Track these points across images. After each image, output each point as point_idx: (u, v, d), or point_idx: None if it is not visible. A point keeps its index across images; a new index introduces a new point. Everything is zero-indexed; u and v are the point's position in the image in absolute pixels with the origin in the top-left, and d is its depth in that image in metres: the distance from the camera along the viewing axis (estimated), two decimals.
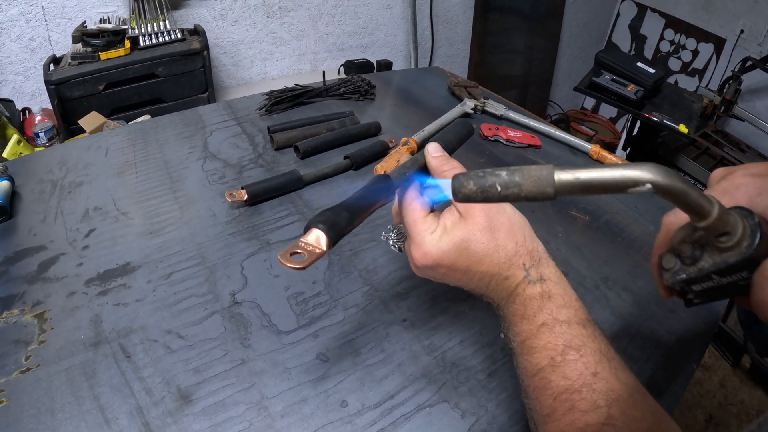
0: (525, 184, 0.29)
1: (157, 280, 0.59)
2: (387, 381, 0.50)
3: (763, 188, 0.34)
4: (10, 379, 0.47)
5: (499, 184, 0.30)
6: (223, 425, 0.45)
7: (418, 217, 0.42)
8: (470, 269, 0.41)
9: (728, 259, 0.32)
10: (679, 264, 0.36)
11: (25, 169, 0.77)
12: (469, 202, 0.37)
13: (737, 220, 0.31)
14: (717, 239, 0.32)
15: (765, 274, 0.30)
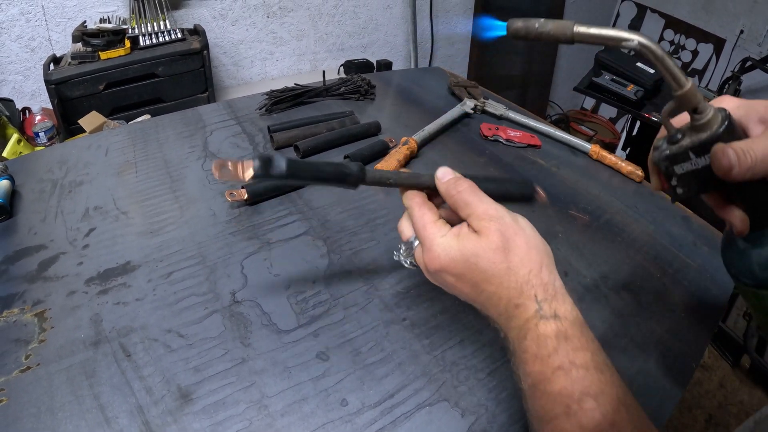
0: (554, 28, 0.38)
1: (157, 280, 0.59)
2: (387, 380, 0.51)
3: (741, 104, 0.41)
4: (10, 378, 0.47)
5: (538, 24, 0.38)
6: (223, 424, 0.45)
7: (428, 221, 0.41)
8: (478, 286, 0.39)
9: (702, 137, 0.38)
10: (665, 144, 0.42)
11: (25, 169, 0.77)
12: (516, 36, 0.40)
13: (710, 107, 0.38)
14: (694, 118, 0.38)
15: (726, 144, 0.37)
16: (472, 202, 0.40)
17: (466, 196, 0.41)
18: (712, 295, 0.67)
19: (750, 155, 0.36)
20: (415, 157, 0.87)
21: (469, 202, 0.41)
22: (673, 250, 0.74)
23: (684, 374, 0.56)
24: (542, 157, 0.93)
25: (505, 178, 0.44)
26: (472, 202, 0.40)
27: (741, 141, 0.37)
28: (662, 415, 0.51)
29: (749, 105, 0.40)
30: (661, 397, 0.52)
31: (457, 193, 0.41)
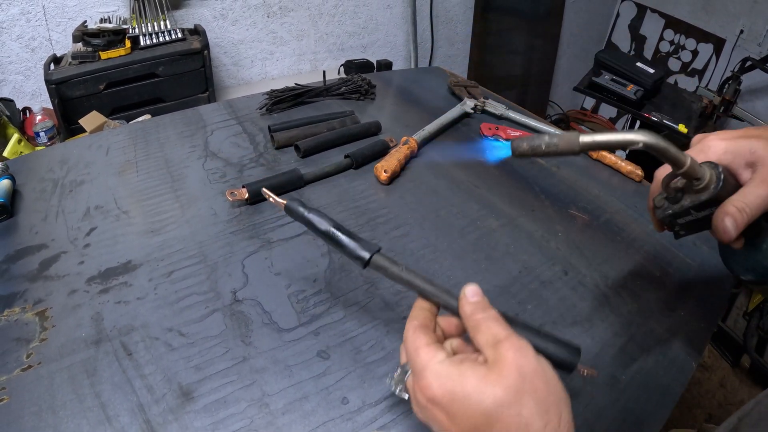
0: (560, 144, 0.38)
1: (159, 278, 0.59)
2: (388, 378, 0.51)
3: (727, 148, 0.44)
4: (11, 376, 0.48)
5: (544, 144, 0.38)
6: (224, 422, 0.45)
7: (421, 344, 0.35)
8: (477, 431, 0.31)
9: (701, 197, 0.43)
10: (667, 203, 0.47)
11: (25, 168, 0.77)
12: (522, 157, 0.40)
13: (706, 170, 0.42)
14: (692, 183, 0.43)
15: (722, 208, 0.42)
16: (495, 328, 0.34)
17: (491, 322, 0.35)
18: (712, 295, 0.67)
19: (746, 213, 0.41)
20: (415, 157, 0.87)
21: (491, 328, 0.34)
22: (673, 250, 0.74)
23: (684, 372, 0.56)
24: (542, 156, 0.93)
25: (548, 333, 0.38)
26: (495, 328, 0.34)
27: (735, 200, 0.42)
28: (662, 414, 0.51)
29: (735, 150, 0.44)
30: (661, 395, 0.52)
31: (482, 317, 0.35)
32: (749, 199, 0.41)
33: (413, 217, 0.73)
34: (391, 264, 0.39)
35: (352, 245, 0.39)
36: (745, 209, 0.41)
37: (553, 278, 0.65)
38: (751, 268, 0.46)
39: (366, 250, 0.39)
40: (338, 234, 0.40)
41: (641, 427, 0.49)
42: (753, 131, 0.46)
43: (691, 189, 0.44)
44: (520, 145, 0.39)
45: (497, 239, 0.71)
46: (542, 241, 0.71)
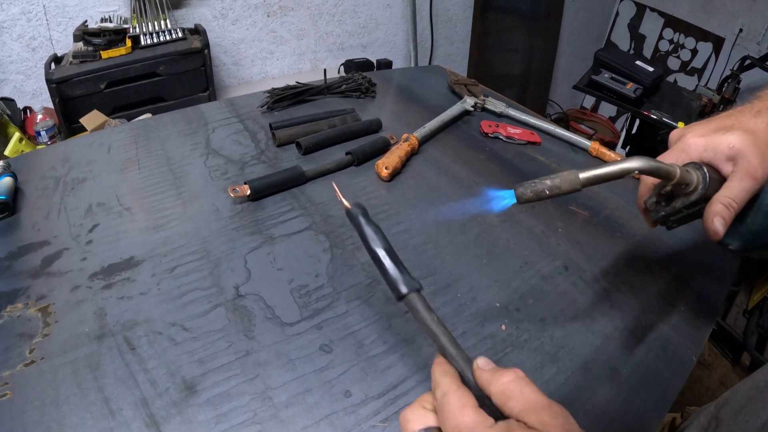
0: (563, 185, 0.40)
1: (162, 274, 0.60)
2: (390, 371, 0.51)
3: (707, 145, 0.48)
4: (14, 372, 0.48)
5: (547, 189, 0.40)
6: (227, 415, 0.46)
7: (470, 404, 0.31)
8: None
9: (691, 198, 0.47)
10: (659, 206, 0.52)
11: (27, 166, 0.78)
12: (527, 203, 0.41)
13: (692, 173, 0.47)
14: (683, 188, 0.48)
15: (710, 208, 0.46)
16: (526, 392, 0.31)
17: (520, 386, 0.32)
18: (712, 289, 0.67)
19: (733, 207, 0.45)
20: (416, 154, 0.87)
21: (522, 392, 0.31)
22: (672, 245, 0.74)
23: (684, 366, 0.56)
24: (542, 154, 0.94)
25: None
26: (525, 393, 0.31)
27: (721, 197, 0.46)
28: (663, 406, 0.51)
29: (714, 146, 0.47)
30: (662, 389, 0.53)
31: (506, 382, 0.32)
32: (734, 193, 0.45)
33: (414, 214, 0.73)
34: (425, 309, 0.36)
35: (395, 276, 0.37)
36: (732, 204, 0.45)
37: (554, 273, 0.66)
38: (737, 238, 0.50)
39: (406, 285, 0.36)
40: (386, 258, 0.38)
41: (642, 419, 0.50)
42: (726, 121, 0.49)
43: (681, 192, 0.48)
44: (525, 193, 0.40)
45: (498, 235, 0.71)
46: (543, 237, 0.72)
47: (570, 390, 0.51)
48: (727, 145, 0.46)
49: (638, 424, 0.49)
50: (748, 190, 0.45)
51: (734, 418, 0.46)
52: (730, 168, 0.47)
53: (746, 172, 0.45)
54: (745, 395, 0.47)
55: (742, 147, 0.46)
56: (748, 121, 0.49)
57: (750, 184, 0.45)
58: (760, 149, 0.46)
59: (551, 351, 0.55)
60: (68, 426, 0.44)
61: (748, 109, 0.51)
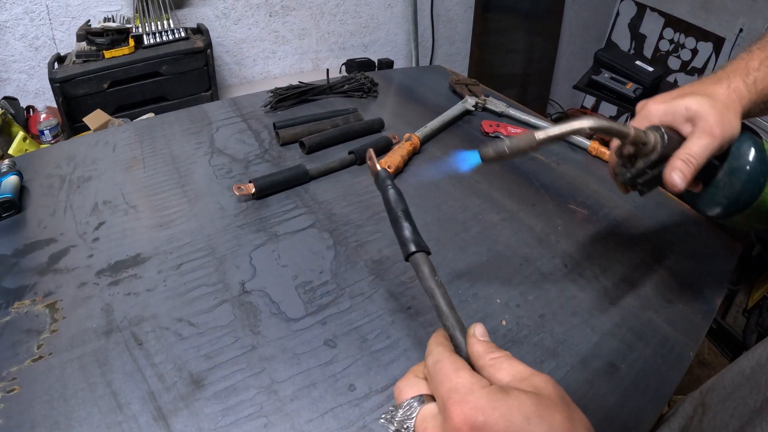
0: (520, 143, 0.41)
1: (168, 271, 0.60)
2: (393, 366, 0.52)
3: (666, 110, 0.50)
4: (22, 367, 0.48)
5: (507, 148, 0.41)
6: (234, 409, 0.47)
7: (463, 366, 0.32)
8: None
9: (652, 157, 0.49)
10: (624, 169, 0.54)
11: (33, 165, 0.79)
12: (489, 163, 0.42)
13: (650, 134, 0.49)
14: (641, 148, 0.50)
15: (670, 163, 0.48)
16: (518, 365, 0.32)
17: (512, 361, 0.32)
18: (710, 287, 0.68)
19: (692, 163, 0.47)
20: (417, 153, 0.88)
21: (513, 366, 0.32)
22: (671, 243, 0.75)
23: (681, 362, 0.57)
24: (542, 153, 0.94)
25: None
26: (518, 366, 0.32)
27: (680, 153, 0.48)
28: (660, 401, 0.52)
29: (673, 110, 0.50)
30: (659, 384, 0.54)
31: (501, 356, 0.32)
32: (693, 149, 0.47)
33: (416, 211, 0.74)
34: (429, 269, 0.38)
35: (408, 235, 0.40)
36: (690, 159, 0.47)
37: (554, 270, 0.66)
38: (715, 204, 0.52)
39: (415, 245, 0.39)
40: (402, 219, 0.41)
41: (639, 414, 0.50)
42: (686, 89, 0.52)
43: (642, 153, 0.51)
44: (487, 152, 0.42)
45: (498, 233, 0.72)
46: (542, 235, 0.72)
47: (569, 384, 0.52)
48: (684, 107, 0.49)
49: (635, 419, 0.50)
50: (707, 147, 0.47)
51: (721, 404, 0.46)
52: (689, 128, 0.49)
53: (703, 130, 0.48)
54: (732, 381, 0.48)
55: (699, 108, 0.48)
56: (707, 87, 0.51)
57: (708, 141, 0.47)
58: (718, 110, 0.48)
59: (551, 346, 0.56)
60: (76, 420, 0.44)
61: (709, 79, 0.53)
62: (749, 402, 0.43)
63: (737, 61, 0.54)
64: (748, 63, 0.52)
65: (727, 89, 0.51)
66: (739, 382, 0.47)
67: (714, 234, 0.79)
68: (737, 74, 0.52)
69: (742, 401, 0.44)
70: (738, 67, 0.53)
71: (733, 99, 0.50)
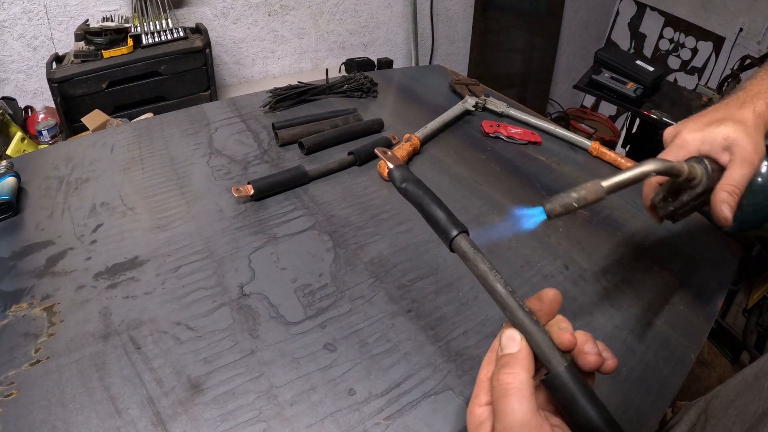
0: (588, 195, 0.40)
1: (166, 274, 0.60)
2: (393, 370, 0.51)
3: (703, 139, 0.51)
4: (20, 371, 0.48)
5: (574, 201, 0.40)
6: (233, 413, 0.46)
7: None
8: None
9: (697, 191, 0.50)
10: (665, 202, 0.54)
11: (30, 166, 0.78)
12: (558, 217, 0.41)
13: (695, 167, 0.49)
14: (688, 183, 0.50)
15: (716, 197, 0.49)
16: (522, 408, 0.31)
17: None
18: (711, 289, 0.68)
19: (736, 194, 0.48)
20: (417, 154, 0.88)
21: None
22: (672, 244, 0.74)
23: (683, 365, 0.56)
24: (543, 153, 0.94)
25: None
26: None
27: (724, 185, 0.48)
28: (661, 404, 0.52)
29: (710, 140, 0.50)
30: (661, 387, 0.53)
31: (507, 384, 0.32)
32: (735, 179, 0.48)
33: (416, 213, 0.73)
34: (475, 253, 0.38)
35: (443, 221, 0.40)
36: (735, 190, 0.48)
37: (555, 272, 0.66)
38: (735, 221, 0.51)
39: (455, 227, 0.39)
40: (432, 207, 0.41)
41: (641, 417, 0.50)
42: (718, 114, 0.53)
43: (687, 186, 0.51)
44: (554, 208, 0.41)
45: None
46: (543, 236, 0.72)
47: None
48: (722, 137, 0.50)
49: (637, 422, 0.50)
50: (747, 176, 0.48)
51: (723, 411, 0.46)
52: (727, 157, 0.50)
53: (743, 159, 0.48)
54: (735, 389, 0.47)
55: (737, 136, 0.49)
56: (735, 112, 0.52)
57: (748, 170, 0.48)
58: (752, 137, 0.49)
59: None
60: (74, 425, 0.44)
61: (734, 102, 0.54)
62: (751, 408, 0.43)
63: (757, 82, 0.55)
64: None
65: (753, 113, 0.52)
66: (742, 390, 0.46)
67: (715, 236, 0.78)
68: (760, 97, 0.53)
69: (745, 408, 0.44)
70: (760, 89, 0.54)
71: (759, 123, 0.51)
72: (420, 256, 0.66)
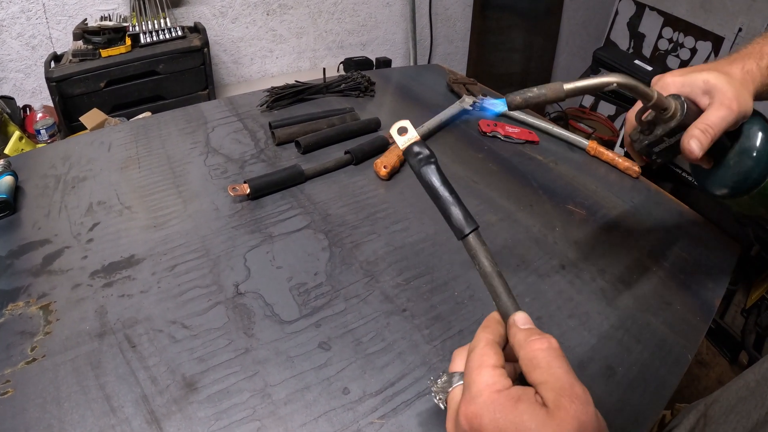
0: (548, 92, 0.42)
1: (162, 272, 0.60)
2: (388, 369, 0.51)
3: (684, 82, 0.51)
4: (15, 369, 0.48)
5: (534, 95, 0.41)
6: (227, 412, 0.46)
7: (488, 364, 0.32)
8: None
9: (671, 125, 0.50)
10: (642, 136, 0.54)
11: (28, 165, 0.78)
12: (517, 109, 0.42)
13: (671, 101, 0.49)
14: (661, 114, 0.50)
15: (688, 132, 0.48)
16: (558, 369, 0.30)
17: (554, 360, 0.31)
18: (708, 288, 0.68)
19: (709, 132, 0.47)
20: None
21: (553, 368, 0.30)
22: (669, 244, 0.74)
23: (680, 365, 0.56)
24: (540, 153, 0.94)
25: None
26: (558, 370, 0.30)
27: (698, 123, 0.48)
28: (658, 404, 0.52)
29: (691, 82, 0.51)
30: (657, 387, 0.53)
31: (542, 351, 0.31)
32: (710, 119, 0.48)
33: (412, 212, 0.73)
34: (482, 248, 0.39)
35: (457, 215, 0.40)
36: (708, 129, 0.48)
37: (551, 272, 0.66)
38: (723, 184, 0.53)
39: (469, 224, 0.39)
40: (448, 200, 0.41)
41: (637, 418, 0.50)
42: (703, 66, 0.53)
43: (661, 119, 0.51)
44: (515, 99, 0.42)
45: (496, 233, 0.71)
46: (540, 236, 0.72)
47: None
48: (702, 80, 0.50)
49: (633, 422, 0.50)
50: (724, 119, 0.48)
51: (724, 417, 0.46)
52: (706, 101, 0.50)
53: (721, 103, 0.48)
54: (736, 394, 0.47)
55: (717, 82, 0.49)
56: (722, 66, 0.53)
57: (725, 113, 0.48)
58: (734, 86, 0.49)
59: None
60: (69, 423, 0.44)
61: (723, 60, 0.55)
62: (753, 415, 0.43)
63: (752, 46, 0.55)
64: (762, 48, 0.54)
65: (742, 70, 0.52)
66: (744, 395, 0.46)
67: (713, 235, 0.78)
68: (751, 57, 0.53)
69: (747, 414, 0.44)
70: (752, 51, 0.54)
71: (747, 79, 0.51)
72: (415, 255, 0.66)
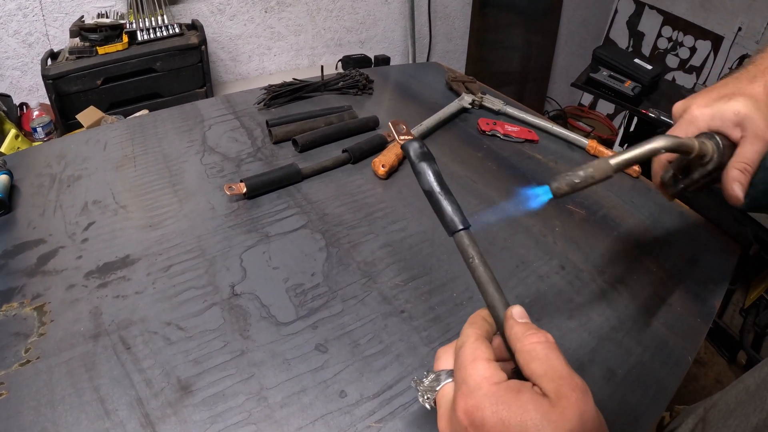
0: (596, 173, 0.40)
1: (157, 273, 0.59)
2: (385, 371, 0.51)
3: (713, 114, 0.49)
4: (9, 371, 0.48)
5: (581, 179, 0.39)
6: (222, 415, 0.46)
7: (482, 357, 0.31)
8: None
9: (708, 168, 0.49)
10: (676, 180, 0.53)
11: (23, 163, 0.77)
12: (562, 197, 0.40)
13: (706, 144, 0.48)
14: (700, 160, 0.49)
15: (728, 174, 0.47)
16: (556, 360, 0.30)
17: (551, 352, 0.31)
18: (708, 289, 0.67)
19: (748, 171, 0.46)
20: None
21: (551, 359, 0.30)
22: (670, 245, 0.74)
23: (680, 367, 0.56)
24: (540, 152, 0.94)
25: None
26: (556, 361, 0.30)
27: (735, 162, 0.47)
28: (658, 406, 0.51)
29: (721, 115, 0.49)
30: (657, 389, 0.53)
31: (539, 343, 0.31)
32: (747, 156, 0.47)
33: (411, 212, 0.73)
34: (471, 244, 0.39)
35: (449, 211, 0.40)
36: (747, 168, 0.47)
37: (550, 273, 0.66)
38: (751, 202, 0.53)
39: (460, 222, 0.39)
40: (440, 197, 0.40)
41: (637, 420, 0.50)
42: (727, 89, 0.51)
43: (698, 164, 0.50)
44: (560, 187, 0.40)
45: (495, 233, 0.71)
46: (539, 236, 0.72)
47: None
48: (733, 112, 0.48)
49: (633, 424, 0.49)
50: (760, 152, 0.47)
51: (723, 421, 0.46)
52: (738, 133, 0.48)
53: (755, 135, 0.47)
54: (735, 398, 0.47)
55: (748, 112, 0.47)
56: (746, 87, 0.50)
57: (761, 146, 0.47)
58: (763, 112, 0.47)
59: None
60: (64, 426, 0.44)
61: (744, 76, 0.52)
62: (752, 419, 0.42)
63: (766, 56, 0.53)
64: None
65: (765, 88, 0.50)
66: (743, 399, 0.46)
67: (713, 236, 0.78)
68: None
69: (746, 418, 0.43)
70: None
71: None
72: (414, 255, 0.66)
